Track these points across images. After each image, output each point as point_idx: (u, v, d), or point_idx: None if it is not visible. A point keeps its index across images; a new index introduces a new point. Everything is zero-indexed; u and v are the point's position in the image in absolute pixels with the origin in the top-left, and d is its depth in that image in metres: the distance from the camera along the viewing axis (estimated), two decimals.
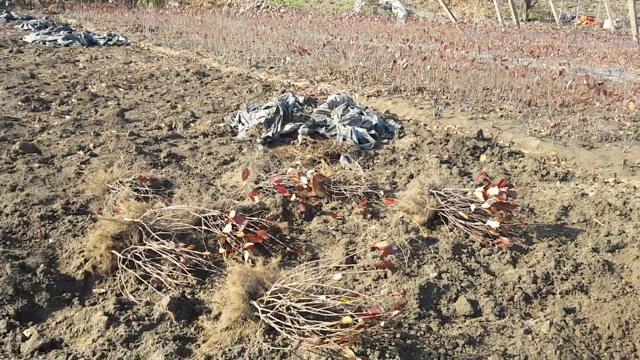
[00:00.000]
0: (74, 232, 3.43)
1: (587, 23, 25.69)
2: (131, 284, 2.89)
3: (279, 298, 2.47)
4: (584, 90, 7.20)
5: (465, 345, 2.37)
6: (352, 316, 2.28)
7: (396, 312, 2.31)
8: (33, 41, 13.23)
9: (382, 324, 2.31)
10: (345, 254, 3.18)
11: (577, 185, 4.38)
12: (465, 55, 10.22)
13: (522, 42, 13.94)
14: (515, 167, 4.80)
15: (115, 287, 2.89)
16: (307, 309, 2.40)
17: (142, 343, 2.40)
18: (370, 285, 2.89)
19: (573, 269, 3.05)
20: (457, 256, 3.18)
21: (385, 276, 2.98)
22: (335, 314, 2.36)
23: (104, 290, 2.90)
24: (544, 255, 3.19)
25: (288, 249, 3.33)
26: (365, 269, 3.02)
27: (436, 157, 5.01)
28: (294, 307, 2.44)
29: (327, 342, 2.24)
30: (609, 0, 21.87)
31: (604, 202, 3.89)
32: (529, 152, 5.33)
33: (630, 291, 2.87)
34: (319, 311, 2.38)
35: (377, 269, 2.38)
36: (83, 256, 3.09)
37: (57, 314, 2.68)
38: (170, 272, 2.92)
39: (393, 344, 2.32)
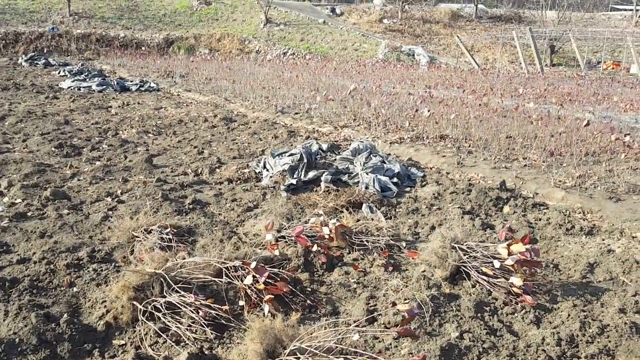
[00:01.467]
0: (97, 281, 3.48)
1: (613, 68, 25.58)
2: (150, 336, 2.90)
3: (298, 358, 2.44)
4: (610, 139, 7.11)
5: None
6: None
7: None
8: (68, 87, 13.78)
9: None
10: (365, 309, 3.14)
11: (603, 240, 4.27)
12: (487, 103, 10.24)
13: (546, 89, 13.93)
14: (540, 220, 4.72)
15: (135, 340, 2.89)
16: None
17: None
18: (390, 344, 2.83)
19: (599, 331, 2.94)
20: (479, 314, 3.11)
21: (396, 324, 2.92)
22: None
23: (123, 342, 2.91)
24: (569, 315, 3.09)
25: (308, 301, 3.30)
26: (386, 327, 2.97)
27: (459, 207, 4.97)
28: None
29: None
30: (634, 45, 21.81)
31: (631, 259, 3.78)
32: (554, 203, 5.24)
33: None
34: None
35: (398, 335, 2.34)
36: (105, 307, 3.12)
37: None
38: (190, 325, 2.92)
39: None
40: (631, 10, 36.07)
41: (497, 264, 3.35)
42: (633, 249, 4.04)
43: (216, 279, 3.25)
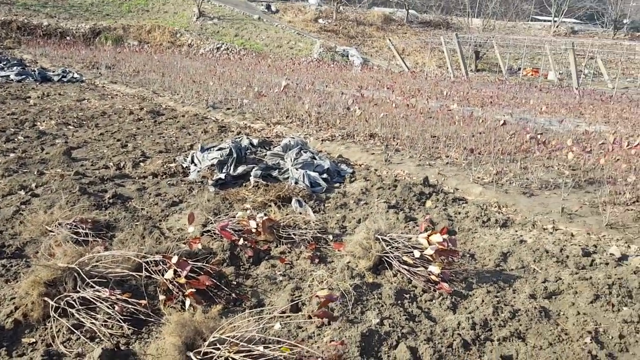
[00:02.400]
0: (6, 277, 3.27)
1: (532, 74, 27.14)
2: (63, 333, 2.75)
3: (218, 349, 2.40)
4: (525, 139, 7.53)
5: None
6: None
7: None
8: None
9: None
10: (290, 300, 3.14)
11: (516, 231, 4.52)
12: (415, 104, 10.56)
13: (470, 92, 14.55)
14: (459, 213, 4.92)
15: (46, 337, 2.74)
16: None
17: None
18: (313, 332, 2.85)
19: (511, 316, 3.10)
20: (399, 302, 3.19)
21: (329, 323, 2.95)
22: None
23: (33, 340, 2.75)
24: (483, 301, 3.24)
25: (233, 295, 3.26)
26: (310, 317, 2.98)
27: (384, 202, 5.09)
28: (232, 359, 2.37)
29: None
30: (552, 53, 23.25)
31: (541, 248, 4.02)
32: (472, 198, 5.49)
33: (566, 338, 2.94)
34: None
35: (316, 318, 2.36)
36: (14, 303, 2.93)
37: None
38: (105, 321, 2.79)
39: None
40: (549, 21, 38.48)
41: (417, 253, 3.46)
42: (543, 239, 4.30)
43: (135, 274, 3.13)
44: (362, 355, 2.66)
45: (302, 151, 6.35)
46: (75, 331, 2.73)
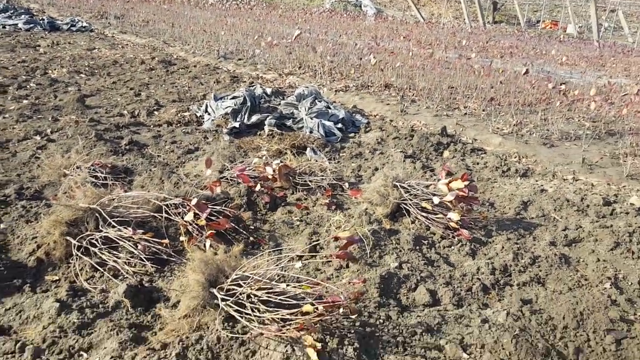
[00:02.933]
0: (27, 218, 3.31)
1: (551, 27, 26.34)
2: (86, 271, 2.80)
3: (240, 286, 2.43)
4: (546, 89, 7.37)
5: (423, 333, 2.39)
6: (312, 304, 2.27)
7: (355, 300, 2.30)
8: None
9: (341, 311, 2.30)
10: (308, 243, 3.16)
11: (536, 181, 4.48)
12: (432, 54, 10.32)
13: (488, 43, 14.19)
14: (477, 164, 4.87)
15: (69, 275, 2.79)
16: (267, 297, 2.37)
17: (95, 330, 2.33)
18: (332, 274, 2.88)
19: (531, 262, 3.11)
20: (417, 247, 3.21)
21: (347, 266, 2.98)
22: (295, 302, 2.34)
23: (57, 278, 2.80)
24: (503, 248, 3.24)
25: (251, 238, 3.29)
26: (329, 259, 3.01)
27: (401, 151, 5.05)
28: (255, 295, 2.41)
29: (287, 330, 2.21)
30: (572, 5, 22.48)
31: (562, 198, 3.99)
32: (491, 149, 5.42)
33: (585, 284, 2.95)
34: (280, 299, 2.35)
35: (338, 259, 2.37)
36: (36, 242, 2.98)
37: (6, 301, 2.57)
38: (128, 259, 2.84)
39: (352, 331, 2.32)
40: None
41: (436, 200, 3.44)
42: (564, 189, 4.27)
43: (156, 215, 3.16)
44: (382, 296, 2.69)
45: (316, 100, 6.27)
46: (99, 269, 2.78)
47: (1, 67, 7.88)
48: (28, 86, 6.86)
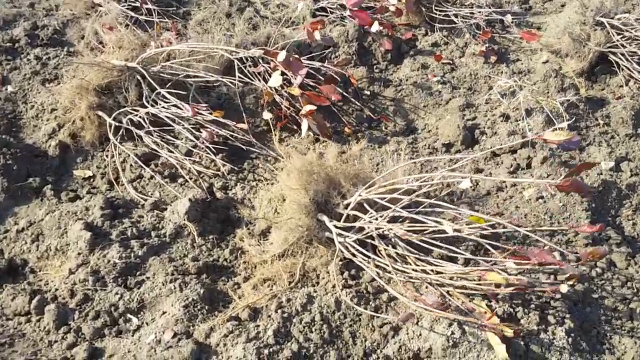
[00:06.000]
0: (43, 76, 2.69)
1: None
2: (131, 166, 2.18)
3: (364, 210, 1.71)
4: None
5: None
6: (501, 270, 1.52)
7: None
8: None
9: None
10: (461, 127, 2.32)
11: None
12: None
13: None
14: None
15: (106, 172, 2.20)
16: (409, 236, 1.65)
17: (147, 278, 1.76)
18: (511, 196, 2.08)
19: None
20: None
21: (529, 166, 2.16)
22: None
23: (90, 174, 2.26)
24: None
25: (367, 112, 2.50)
26: (496, 154, 2.20)
27: None
28: (395, 236, 1.69)
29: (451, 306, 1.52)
30: None
31: None
32: None
33: None
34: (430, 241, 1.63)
35: (561, 190, 1.52)
36: (56, 119, 2.39)
37: (20, 213, 2.07)
38: (190, 151, 2.17)
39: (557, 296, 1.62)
40: None
41: None
42: None
43: (225, 79, 2.38)
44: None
45: None
46: (146, 167, 2.14)
47: None
48: None
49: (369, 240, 1.76)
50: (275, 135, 2.33)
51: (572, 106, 2.45)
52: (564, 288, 1.47)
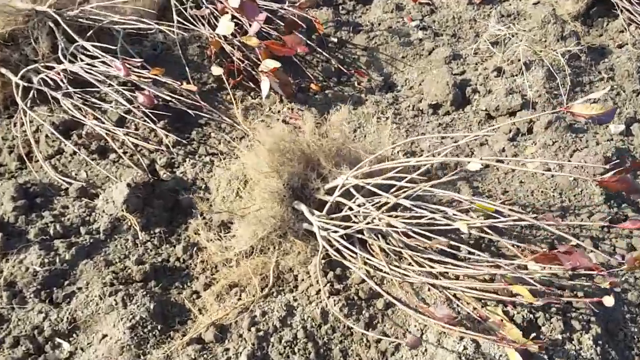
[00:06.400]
0: None
1: None
2: (45, 139, 1.76)
3: (349, 196, 1.41)
4: None
5: None
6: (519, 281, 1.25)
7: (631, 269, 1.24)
8: None
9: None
10: (451, 84, 2.00)
11: None
12: None
13: None
14: None
15: (14, 144, 1.78)
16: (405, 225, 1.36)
17: (78, 291, 1.41)
18: (503, 147, 1.82)
19: None
20: None
21: (530, 131, 1.89)
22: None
23: None
24: None
25: (336, 64, 2.13)
26: (491, 117, 1.92)
27: None
28: (388, 224, 1.38)
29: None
30: None
31: None
32: None
33: None
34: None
35: (602, 185, 1.21)
36: None
37: None
38: (123, 117, 1.76)
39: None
40: None
41: None
42: None
43: (161, 25, 1.95)
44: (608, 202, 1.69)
45: None
46: (66, 142, 1.72)
47: None
48: None
49: (356, 235, 1.45)
50: (236, 102, 1.93)
51: (574, 57, 2.17)
52: (609, 301, 1.21)
